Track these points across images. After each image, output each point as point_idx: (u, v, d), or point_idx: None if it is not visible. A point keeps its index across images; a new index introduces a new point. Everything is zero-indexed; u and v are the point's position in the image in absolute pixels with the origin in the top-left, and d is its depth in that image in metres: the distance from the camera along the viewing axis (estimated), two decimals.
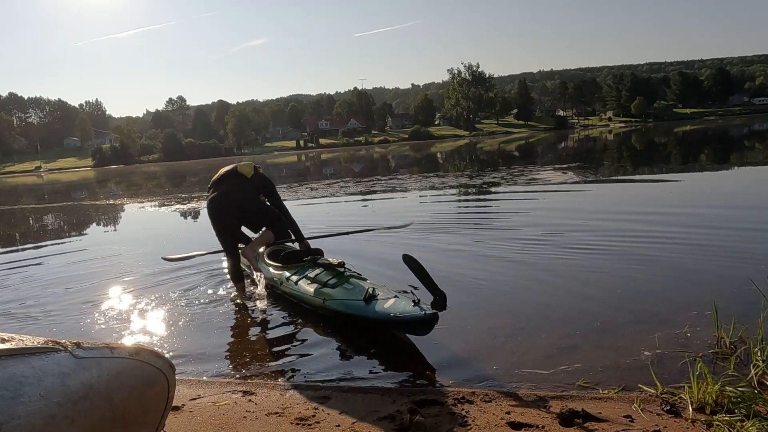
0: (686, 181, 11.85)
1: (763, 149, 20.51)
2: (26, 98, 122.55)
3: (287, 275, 4.37)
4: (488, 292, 4.45)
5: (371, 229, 6.29)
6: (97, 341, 1.47)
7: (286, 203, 5.11)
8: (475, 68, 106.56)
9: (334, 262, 4.10)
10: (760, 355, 2.56)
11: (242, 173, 4.82)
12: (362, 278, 3.93)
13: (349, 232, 5.71)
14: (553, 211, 8.35)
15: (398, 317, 3.12)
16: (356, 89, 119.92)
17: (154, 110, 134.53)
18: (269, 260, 4.90)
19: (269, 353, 3.46)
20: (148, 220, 12.53)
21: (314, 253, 4.67)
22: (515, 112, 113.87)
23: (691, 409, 2.22)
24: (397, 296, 3.41)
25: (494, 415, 2.32)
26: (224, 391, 2.80)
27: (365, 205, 11.75)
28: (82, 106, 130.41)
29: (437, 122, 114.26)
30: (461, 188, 13.34)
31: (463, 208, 10.39)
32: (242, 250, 4.94)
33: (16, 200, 23.03)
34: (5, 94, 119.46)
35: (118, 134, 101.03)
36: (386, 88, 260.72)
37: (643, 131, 54.23)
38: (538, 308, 3.94)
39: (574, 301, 4.05)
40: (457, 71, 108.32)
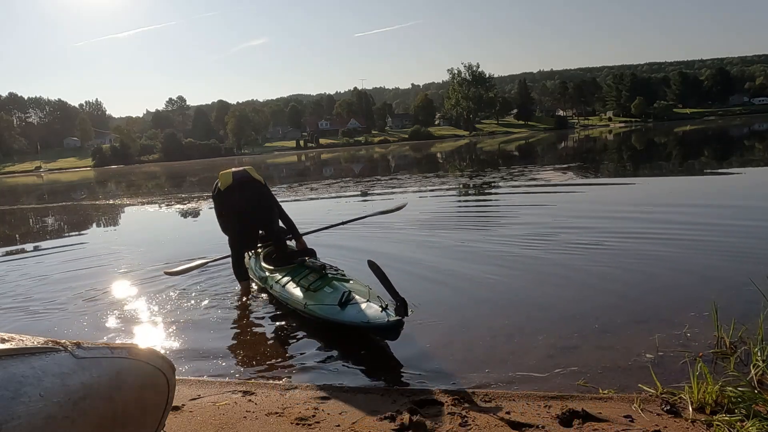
0: (686, 180, 11.85)
1: (763, 149, 20.51)
2: (26, 98, 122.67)
3: (276, 278, 4.44)
4: (488, 292, 4.45)
5: (365, 216, 6.31)
6: (97, 341, 1.48)
7: (286, 203, 5.15)
8: (475, 68, 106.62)
9: (318, 264, 4.21)
10: (760, 355, 2.56)
11: (257, 179, 4.87)
12: (344, 280, 3.98)
13: (344, 222, 5.78)
14: (552, 211, 8.34)
15: (366, 324, 3.21)
16: (356, 89, 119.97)
17: (154, 110, 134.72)
18: (264, 262, 4.96)
19: (269, 353, 3.46)
20: (148, 220, 12.53)
21: (307, 254, 4.72)
22: (515, 112, 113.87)
23: (691, 409, 2.22)
24: (369, 300, 3.44)
25: (494, 415, 2.32)
26: (224, 391, 2.80)
27: (365, 204, 11.75)
28: (82, 106, 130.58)
29: (437, 122, 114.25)
30: (461, 188, 13.34)
31: (462, 208, 10.39)
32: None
33: (16, 200, 23.03)
34: (5, 94, 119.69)
35: (118, 134, 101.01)
36: (386, 88, 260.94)
37: (643, 131, 54.23)
38: (537, 308, 3.94)
39: (573, 301, 4.05)
40: (457, 71, 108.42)
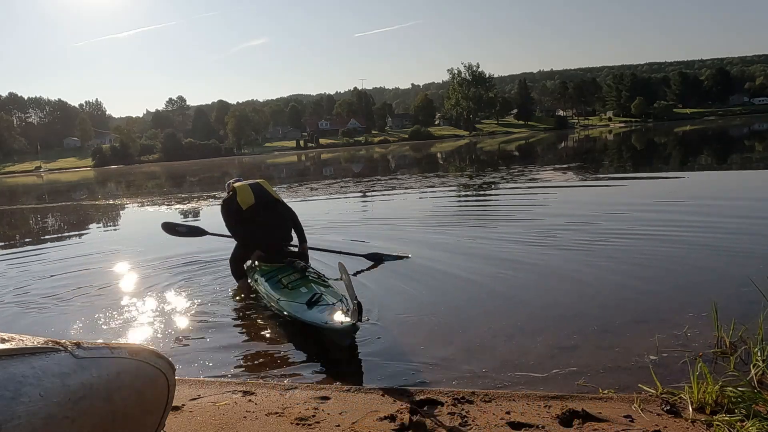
0: (685, 180, 11.85)
1: (763, 149, 20.51)
2: (26, 98, 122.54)
3: (261, 272, 4.51)
4: (488, 291, 4.45)
5: (365, 255, 5.75)
6: (97, 341, 1.48)
7: (285, 202, 5.16)
8: (475, 68, 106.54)
9: (302, 265, 4.29)
10: (760, 354, 2.56)
11: (278, 199, 4.93)
12: (322, 282, 4.02)
13: (342, 251, 5.66)
14: (552, 210, 8.34)
15: (324, 324, 3.24)
16: (356, 89, 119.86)
17: (154, 110, 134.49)
18: (258, 261, 4.99)
19: (269, 353, 3.46)
20: (148, 220, 12.52)
21: (300, 256, 4.77)
22: (515, 112, 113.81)
23: (691, 409, 2.22)
24: (335, 304, 3.45)
25: (494, 415, 2.32)
26: (224, 391, 2.80)
27: (365, 205, 11.76)
28: (82, 106, 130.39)
29: (437, 122, 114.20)
30: (461, 188, 13.34)
31: (462, 207, 10.39)
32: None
33: (15, 200, 23.03)
34: (5, 94, 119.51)
35: (118, 134, 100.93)
36: (386, 88, 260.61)
37: (643, 131, 54.23)
38: (537, 308, 3.94)
39: (573, 301, 4.05)
40: (457, 71, 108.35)
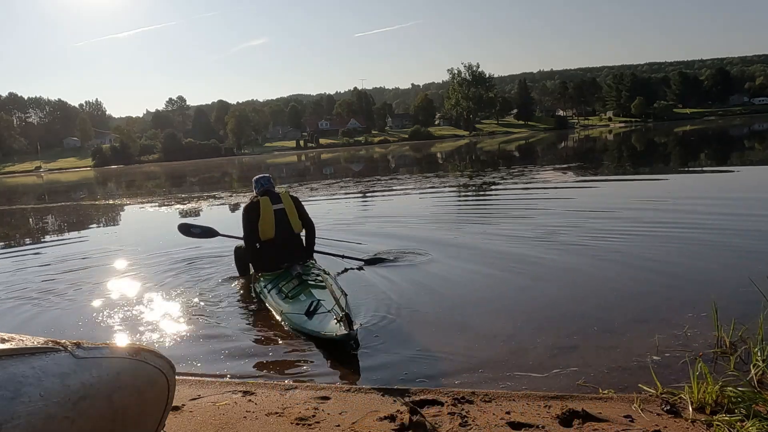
0: (685, 180, 11.85)
1: (762, 149, 20.52)
2: (26, 98, 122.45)
3: (263, 284, 4.49)
4: (488, 292, 4.45)
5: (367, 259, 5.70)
6: (97, 341, 1.47)
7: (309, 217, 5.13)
8: (475, 68, 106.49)
9: (299, 270, 4.32)
10: (760, 354, 2.56)
11: (299, 232, 4.86)
12: (320, 287, 4.01)
13: (345, 256, 5.59)
14: (552, 210, 8.35)
15: (320, 335, 3.30)
16: (356, 89, 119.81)
17: (154, 110, 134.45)
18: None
19: (269, 353, 3.46)
20: (148, 220, 12.53)
21: (304, 257, 4.76)
22: (515, 112, 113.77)
23: (691, 409, 2.22)
24: (331, 311, 3.45)
25: (494, 415, 2.32)
26: (224, 391, 2.80)
27: (365, 204, 11.76)
28: (82, 106, 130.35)
29: (437, 122, 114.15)
30: (461, 188, 13.34)
31: (461, 207, 10.39)
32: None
33: (15, 200, 23.03)
34: (5, 94, 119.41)
35: (118, 134, 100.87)
36: (386, 88, 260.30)
37: (643, 131, 54.24)
38: (537, 308, 3.94)
39: (574, 301, 4.05)
40: (457, 71, 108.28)
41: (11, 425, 1.11)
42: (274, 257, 4.68)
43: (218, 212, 12.24)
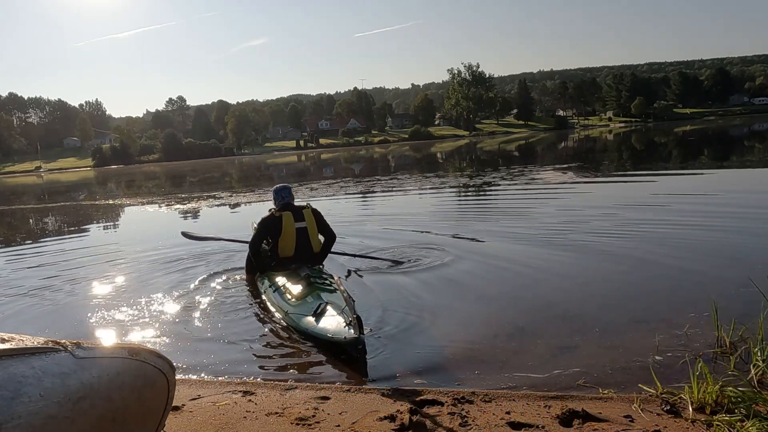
0: (684, 180, 11.85)
1: (763, 149, 20.52)
2: (26, 98, 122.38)
3: (270, 283, 4.46)
4: (488, 292, 4.45)
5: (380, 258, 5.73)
6: (97, 341, 1.47)
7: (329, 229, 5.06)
8: (475, 68, 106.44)
9: (307, 272, 4.24)
10: (760, 354, 2.56)
11: (316, 251, 4.73)
12: (329, 290, 3.96)
13: (355, 255, 5.63)
14: (551, 211, 8.35)
15: (329, 338, 3.25)
16: (356, 89, 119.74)
17: (154, 110, 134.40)
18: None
19: (269, 353, 3.46)
20: (148, 220, 12.53)
21: (315, 261, 4.70)
22: (515, 112, 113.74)
23: (691, 409, 2.22)
24: (340, 314, 3.41)
25: (494, 415, 2.32)
26: (224, 391, 2.80)
27: (365, 204, 11.76)
28: (82, 106, 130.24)
29: (437, 122, 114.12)
30: (461, 188, 13.34)
31: (461, 207, 10.39)
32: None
33: (15, 200, 23.03)
34: (5, 94, 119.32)
35: (118, 134, 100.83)
36: (386, 88, 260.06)
37: (643, 131, 54.24)
38: (538, 308, 3.94)
39: (574, 300, 4.06)
40: (457, 71, 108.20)
41: (11, 425, 1.11)
42: (284, 264, 4.62)
43: (218, 212, 12.24)
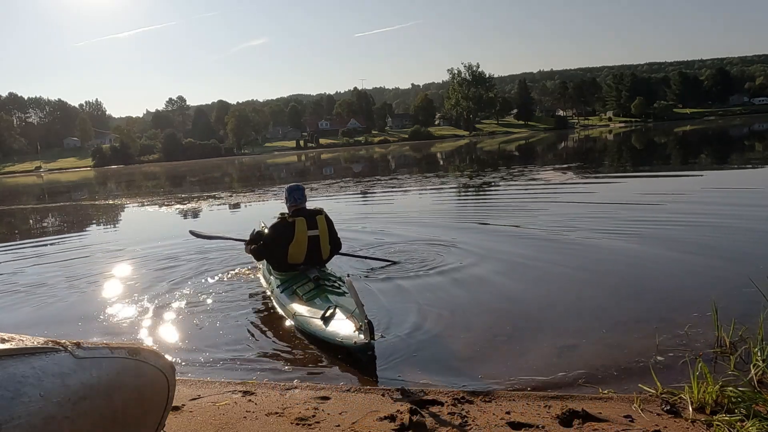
0: (684, 180, 11.85)
1: (763, 149, 20.52)
2: (26, 98, 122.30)
3: (278, 282, 4.43)
4: (488, 292, 4.45)
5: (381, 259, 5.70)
6: (97, 341, 1.47)
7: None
8: (475, 68, 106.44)
9: (315, 274, 4.21)
10: (760, 354, 2.56)
11: (326, 258, 4.64)
12: (337, 292, 3.94)
13: (359, 256, 5.62)
14: (550, 211, 8.35)
15: (339, 342, 3.24)
16: (356, 89, 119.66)
17: (154, 110, 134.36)
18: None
19: (269, 353, 3.46)
20: (148, 220, 12.53)
21: (317, 261, 4.66)
22: (515, 112, 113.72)
23: (691, 409, 2.22)
24: (350, 318, 3.38)
25: (494, 415, 2.32)
26: (224, 391, 2.80)
27: (365, 204, 11.76)
28: (82, 106, 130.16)
29: (437, 122, 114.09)
30: (461, 188, 13.34)
31: (461, 207, 10.39)
32: None
33: (15, 200, 23.03)
34: (5, 94, 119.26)
35: (118, 134, 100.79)
36: (386, 88, 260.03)
37: (643, 131, 54.24)
38: (538, 308, 3.94)
39: (574, 301, 4.05)
40: (457, 71, 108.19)
41: (11, 425, 1.11)
42: (292, 268, 4.55)
43: (218, 213, 12.24)
